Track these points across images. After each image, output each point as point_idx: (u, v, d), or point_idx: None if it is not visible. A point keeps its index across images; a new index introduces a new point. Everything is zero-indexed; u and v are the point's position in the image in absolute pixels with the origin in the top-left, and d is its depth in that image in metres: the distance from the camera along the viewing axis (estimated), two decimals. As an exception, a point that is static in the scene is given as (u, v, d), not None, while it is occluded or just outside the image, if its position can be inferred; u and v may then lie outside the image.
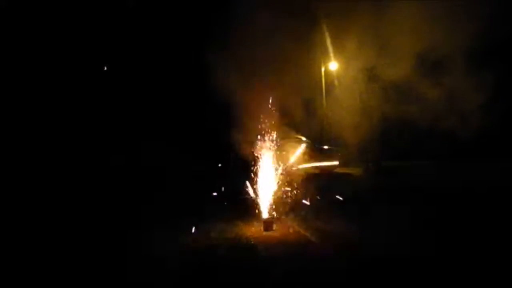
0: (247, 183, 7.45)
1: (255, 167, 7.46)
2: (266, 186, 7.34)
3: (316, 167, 12.94)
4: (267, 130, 7.53)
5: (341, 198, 8.22)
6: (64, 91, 10.99)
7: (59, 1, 10.79)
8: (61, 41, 10.85)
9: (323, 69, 17.10)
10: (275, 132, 7.56)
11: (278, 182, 7.47)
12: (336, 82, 15.82)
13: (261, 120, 7.59)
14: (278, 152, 7.61)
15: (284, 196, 7.58)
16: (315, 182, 9.30)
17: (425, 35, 8.68)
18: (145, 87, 12.09)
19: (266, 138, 7.48)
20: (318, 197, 8.23)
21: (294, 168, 8.31)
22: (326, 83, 17.18)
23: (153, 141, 11.21)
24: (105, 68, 11.26)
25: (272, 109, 7.68)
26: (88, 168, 10.17)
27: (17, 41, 10.24)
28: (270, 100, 7.81)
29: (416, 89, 9.81)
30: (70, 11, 10.74)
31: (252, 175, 7.44)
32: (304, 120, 11.50)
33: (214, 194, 8.57)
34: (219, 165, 10.24)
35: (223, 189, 8.72)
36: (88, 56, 11.25)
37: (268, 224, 6.58)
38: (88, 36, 11.07)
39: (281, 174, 7.49)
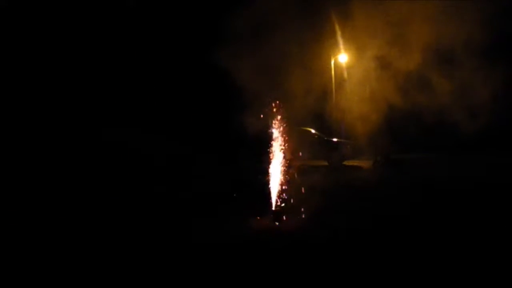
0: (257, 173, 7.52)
1: (263, 159, 7.52)
2: (274, 177, 7.40)
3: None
4: (274, 122, 7.57)
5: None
6: (68, 90, 11.02)
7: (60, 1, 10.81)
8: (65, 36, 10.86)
9: (332, 61, 17.03)
10: (283, 124, 7.60)
11: (286, 173, 7.52)
12: (345, 73, 15.75)
13: (269, 112, 7.64)
14: (286, 144, 7.65)
15: (292, 187, 7.63)
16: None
17: (436, 26, 8.61)
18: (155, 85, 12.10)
19: (273, 130, 7.51)
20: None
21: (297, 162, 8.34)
22: (336, 74, 17.12)
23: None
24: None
25: (280, 100, 7.72)
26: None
27: (17, 40, 10.29)
28: (279, 92, 7.85)
29: (427, 80, 9.74)
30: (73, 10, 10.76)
31: (260, 167, 7.51)
32: (313, 112, 11.49)
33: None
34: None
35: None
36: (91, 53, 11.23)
37: (277, 215, 6.67)
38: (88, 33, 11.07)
39: (289, 166, 7.54)
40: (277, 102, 7.64)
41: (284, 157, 7.55)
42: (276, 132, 7.54)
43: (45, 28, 10.57)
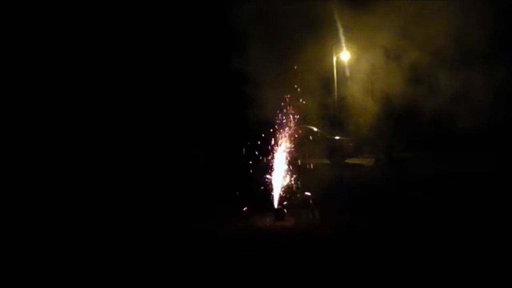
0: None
1: (266, 158, 7.54)
2: (277, 176, 7.41)
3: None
4: (278, 119, 7.59)
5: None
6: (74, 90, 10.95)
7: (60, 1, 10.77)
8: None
9: (334, 59, 16.94)
10: (286, 122, 7.61)
11: (289, 172, 7.53)
12: (348, 71, 15.67)
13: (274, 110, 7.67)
14: (288, 143, 7.65)
15: (294, 186, 7.65)
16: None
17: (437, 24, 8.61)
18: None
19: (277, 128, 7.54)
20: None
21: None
22: (338, 72, 17.03)
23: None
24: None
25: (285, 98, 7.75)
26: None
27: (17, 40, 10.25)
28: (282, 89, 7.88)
29: (430, 77, 9.73)
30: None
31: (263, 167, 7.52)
32: (316, 109, 11.50)
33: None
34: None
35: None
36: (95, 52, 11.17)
37: (279, 214, 6.68)
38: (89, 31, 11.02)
39: (291, 165, 7.56)
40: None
41: (286, 156, 7.56)
42: (280, 131, 7.57)
43: (53, 28, 10.54)
